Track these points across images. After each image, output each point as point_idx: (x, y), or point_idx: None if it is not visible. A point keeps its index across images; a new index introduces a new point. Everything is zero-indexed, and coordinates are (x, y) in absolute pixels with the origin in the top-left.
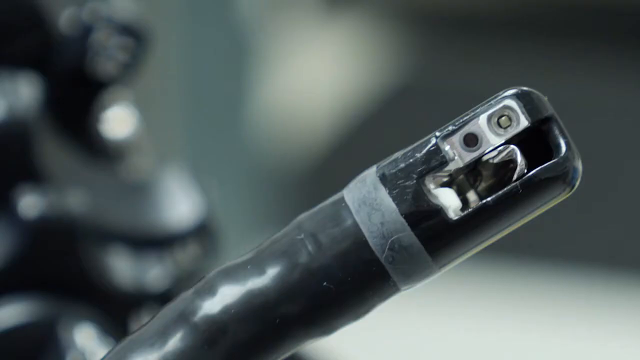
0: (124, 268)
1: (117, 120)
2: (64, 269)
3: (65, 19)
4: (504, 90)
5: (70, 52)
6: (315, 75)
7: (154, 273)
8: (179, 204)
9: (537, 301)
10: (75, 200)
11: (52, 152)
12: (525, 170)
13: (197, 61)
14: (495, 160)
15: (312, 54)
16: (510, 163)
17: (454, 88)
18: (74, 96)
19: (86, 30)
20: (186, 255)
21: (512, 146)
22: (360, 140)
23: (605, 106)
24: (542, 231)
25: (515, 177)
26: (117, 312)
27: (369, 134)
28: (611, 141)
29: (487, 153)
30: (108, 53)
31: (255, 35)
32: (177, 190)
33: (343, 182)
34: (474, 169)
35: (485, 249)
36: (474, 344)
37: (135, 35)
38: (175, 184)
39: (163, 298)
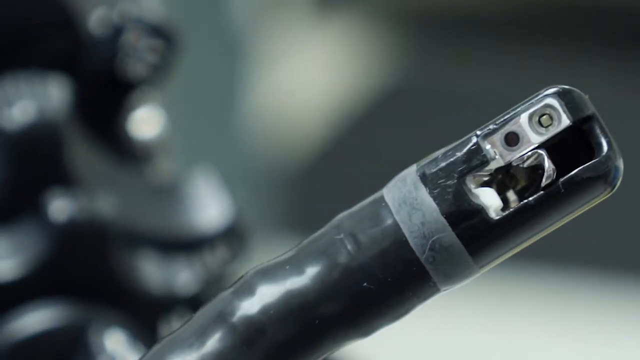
0: (153, 272)
1: (145, 121)
2: (94, 273)
3: (95, 20)
4: (545, 89)
5: (100, 54)
6: (308, 76)
7: (183, 277)
8: (208, 208)
9: (539, 302)
10: (105, 204)
11: (82, 154)
12: (563, 172)
13: (190, 62)
14: (524, 165)
15: (305, 55)
16: (538, 168)
17: (447, 90)
18: (104, 98)
19: (116, 32)
20: (215, 258)
21: (541, 151)
22: (353, 141)
23: (602, 106)
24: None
25: (551, 179)
26: (147, 317)
27: (362, 135)
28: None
29: (522, 156)
30: (138, 54)
31: (248, 37)
32: (206, 193)
33: (336, 183)
34: (511, 169)
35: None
36: (474, 344)
37: (165, 37)
38: (204, 187)
39: (192, 302)
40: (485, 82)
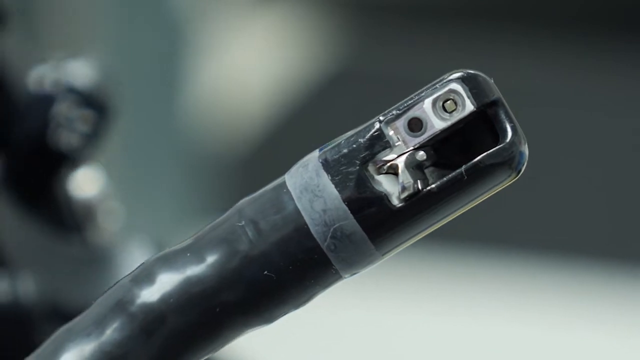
0: None
1: (85, 181)
2: (18, 354)
3: (27, 86)
4: (449, 73)
5: (31, 124)
6: (250, 62)
7: None
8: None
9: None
10: (29, 285)
11: (10, 231)
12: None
13: (131, 51)
14: (403, 164)
15: (247, 40)
16: (420, 166)
17: (388, 73)
18: (36, 169)
19: (48, 102)
20: None
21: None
22: (295, 126)
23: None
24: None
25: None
26: None
27: (304, 121)
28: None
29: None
30: (70, 125)
31: (189, 22)
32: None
33: (277, 169)
34: (419, 154)
35: (479, 244)
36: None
37: (97, 107)
38: (139, 257)
39: None
40: (427, 65)
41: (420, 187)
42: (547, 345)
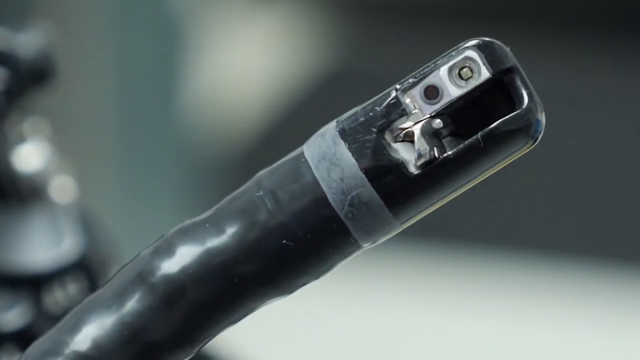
0: None
1: (30, 155)
2: None
3: None
4: (465, 41)
5: None
6: (249, 62)
7: (9, 313)
8: (57, 243)
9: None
10: None
11: None
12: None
13: (129, 49)
14: (419, 132)
15: (246, 40)
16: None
17: (386, 73)
18: None
19: None
20: (65, 293)
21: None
22: (294, 126)
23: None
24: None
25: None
26: None
27: (303, 121)
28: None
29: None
30: None
31: (187, 22)
32: (61, 227)
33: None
34: (435, 121)
35: (479, 244)
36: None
37: (10, 65)
38: (63, 220)
39: (19, 337)
40: (424, 64)
41: (436, 155)
42: (547, 345)
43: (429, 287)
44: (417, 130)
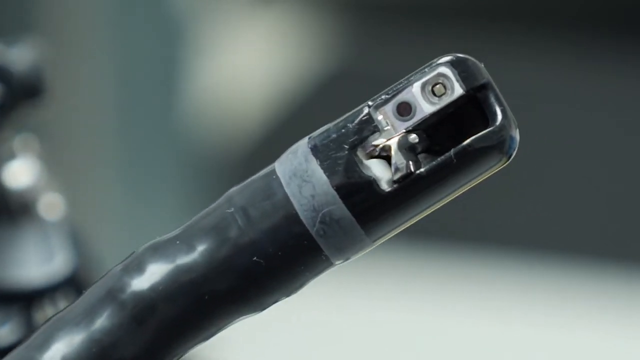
0: None
1: (19, 171)
2: None
3: None
4: (438, 57)
5: None
6: (249, 62)
7: (1, 330)
8: (41, 261)
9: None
10: None
11: None
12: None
13: (130, 49)
14: (396, 146)
15: (246, 40)
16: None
17: (388, 74)
18: None
19: None
20: (55, 309)
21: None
22: (294, 126)
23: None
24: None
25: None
26: None
27: (303, 121)
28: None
29: (420, 122)
30: None
31: (188, 22)
32: (51, 243)
33: None
34: (404, 140)
35: (479, 244)
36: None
37: (4, 81)
38: (52, 236)
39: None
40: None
41: (412, 169)
42: (547, 345)
43: (428, 287)
44: (393, 144)
